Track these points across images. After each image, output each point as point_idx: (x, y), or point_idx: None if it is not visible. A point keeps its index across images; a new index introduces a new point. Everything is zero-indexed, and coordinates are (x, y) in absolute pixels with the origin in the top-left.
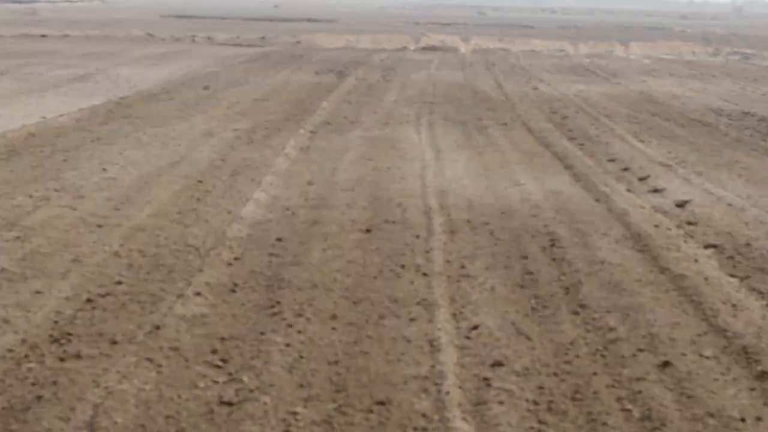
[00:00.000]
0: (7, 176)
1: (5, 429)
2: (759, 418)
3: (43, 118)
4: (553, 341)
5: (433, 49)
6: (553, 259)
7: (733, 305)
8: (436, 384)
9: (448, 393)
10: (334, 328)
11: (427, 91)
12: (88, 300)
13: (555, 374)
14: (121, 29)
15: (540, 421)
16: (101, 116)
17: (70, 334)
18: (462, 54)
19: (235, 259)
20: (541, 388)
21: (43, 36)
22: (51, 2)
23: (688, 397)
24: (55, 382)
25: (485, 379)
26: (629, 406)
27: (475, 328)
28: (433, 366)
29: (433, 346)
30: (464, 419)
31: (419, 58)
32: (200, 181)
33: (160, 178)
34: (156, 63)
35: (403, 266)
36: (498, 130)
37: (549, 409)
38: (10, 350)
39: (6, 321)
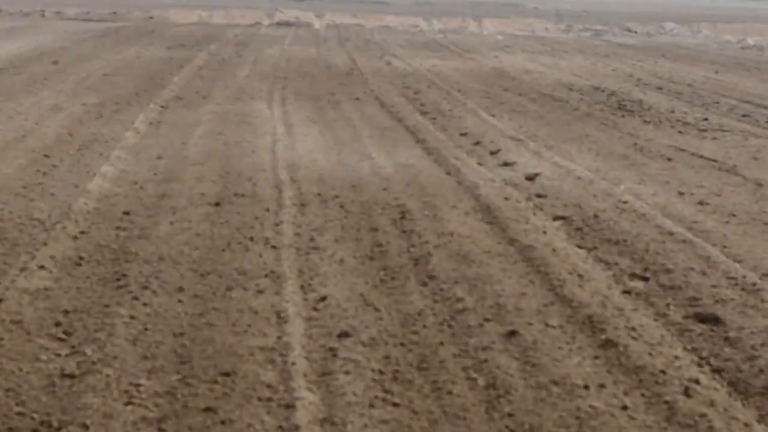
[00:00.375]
0: None
1: None
2: (602, 386)
3: None
4: (401, 312)
5: (287, 24)
6: (403, 232)
7: (580, 275)
8: (282, 355)
9: (294, 364)
10: (180, 301)
11: (280, 67)
12: None
13: (402, 344)
14: None
15: (385, 390)
16: None
17: None
18: (316, 30)
19: (81, 232)
20: (387, 358)
21: None
22: None
23: (533, 365)
24: None
25: (332, 349)
26: (475, 375)
27: (323, 299)
28: (279, 337)
29: (281, 317)
30: (309, 389)
31: (273, 33)
32: (47, 156)
33: (5, 152)
34: (4, 38)
35: (252, 239)
36: (350, 105)
37: (395, 379)
38: None
39: None
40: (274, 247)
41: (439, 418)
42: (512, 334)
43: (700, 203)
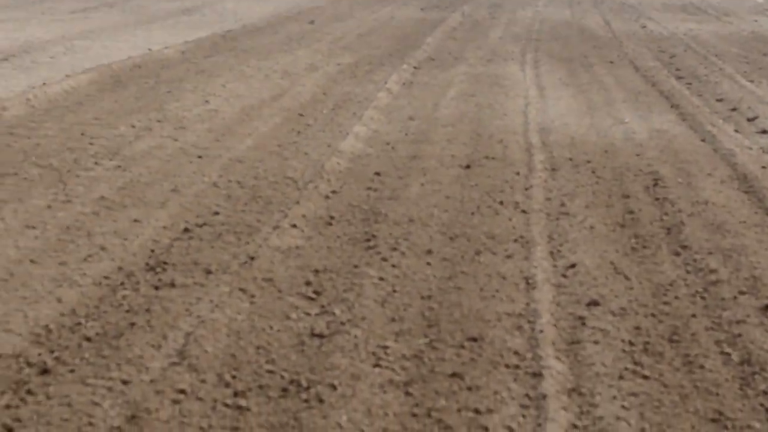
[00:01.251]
0: (111, 106)
1: (98, 354)
2: None
3: (149, 50)
4: (652, 282)
5: None
6: (656, 199)
7: None
8: (530, 322)
9: (542, 331)
10: (428, 263)
11: (533, 29)
12: (185, 230)
13: (652, 315)
14: None
15: (635, 362)
16: (206, 49)
17: (165, 263)
18: None
19: (333, 192)
20: (637, 328)
21: None
22: None
23: None
24: (148, 310)
25: (580, 318)
26: (728, 350)
27: (573, 266)
28: (527, 304)
29: (529, 283)
30: (557, 358)
31: None
32: (301, 115)
33: (261, 111)
34: None
35: (501, 203)
36: (604, 68)
37: (645, 350)
38: (106, 277)
39: (103, 248)
40: (523, 211)
41: (690, 393)
42: None
43: None
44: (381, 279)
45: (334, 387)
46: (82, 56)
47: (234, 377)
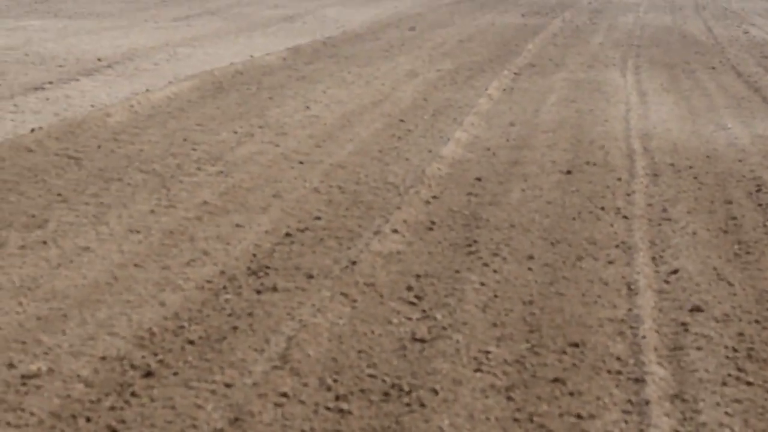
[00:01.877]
0: (213, 112)
1: (201, 358)
2: None
3: (251, 56)
4: (756, 288)
5: None
6: (759, 205)
7: None
8: (632, 328)
9: (644, 337)
10: (530, 269)
11: (634, 34)
12: (287, 234)
13: (756, 321)
14: None
15: (739, 369)
16: (307, 55)
17: (267, 268)
18: None
19: (434, 197)
20: (741, 335)
21: None
22: None
23: None
24: (251, 314)
25: (683, 324)
26: None
27: (675, 272)
28: (629, 309)
29: (631, 289)
30: (660, 364)
31: (628, 1)
32: (402, 120)
33: (362, 116)
34: (363, 4)
35: (603, 208)
36: (706, 74)
37: (749, 357)
38: (209, 281)
39: (206, 253)
40: (625, 217)
41: None
42: None
43: None
44: (482, 284)
45: (435, 392)
46: (184, 63)
47: (336, 381)
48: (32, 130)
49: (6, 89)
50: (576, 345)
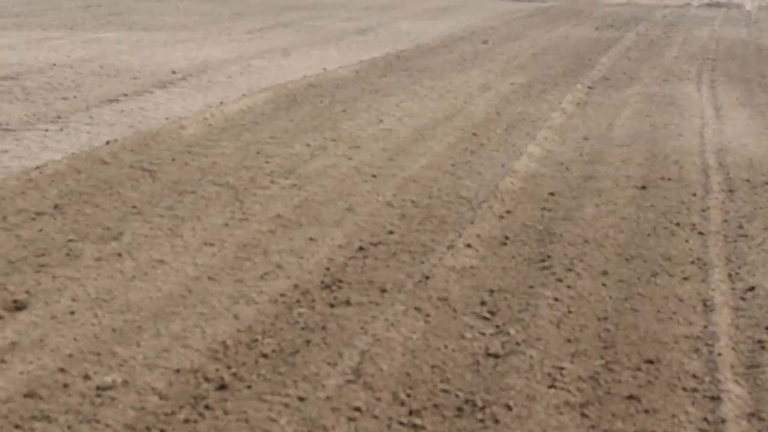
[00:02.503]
0: (287, 125)
1: (274, 371)
2: None
3: (324, 69)
4: None
5: (717, 5)
6: None
7: None
8: (708, 345)
9: (720, 354)
10: (604, 284)
11: (709, 48)
12: (360, 248)
13: None
14: None
15: None
16: (380, 68)
17: (340, 281)
18: (747, 11)
19: (507, 212)
20: None
21: None
22: None
23: None
24: (324, 328)
25: (760, 341)
26: None
27: (752, 289)
28: (705, 326)
29: (707, 306)
30: (737, 382)
31: (702, 14)
32: (475, 134)
33: (435, 130)
34: (436, 17)
35: (678, 224)
36: None
37: None
38: (283, 295)
39: (279, 266)
40: (700, 233)
41: None
42: None
43: None
44: (556, 299)
45: (509, 407)
46: (258, 76)
47: (409, 396)
48: (107, 143)
49: (81, 101)
50: (651, 362)
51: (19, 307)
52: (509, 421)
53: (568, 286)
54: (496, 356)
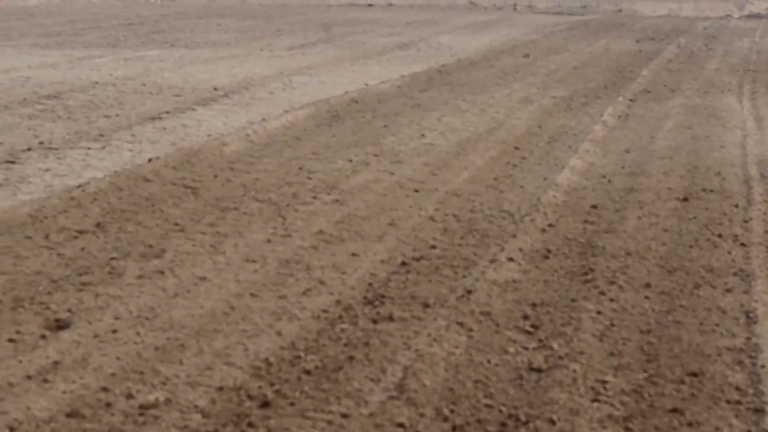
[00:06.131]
0: (329, 141)
1: (317, 387)
2: None
3: (366, 84)
4: None
5: (758, 16)
6: None
7: None
8: (751, 357)
9: (763, 366)
10: (647, 297)
11: (750, 59)
12: (403, 263)
13: None
14: None
15: None
16: (422, 83)
17: (383, 297)
18: None
19: (549, 225)
20: None
21: (369, 5)
22: None
23: None
24: (367, 344)
25: None
26: None
27: None
28: (748, 338)
29: (750, 317)
30: None
31: (743, 25)
32: (517, 148)
33: (477, 144)
34: (477, 31)
35: (720, 236)
36: None
37: None
38: (325, 311)
39: (322, 282)
40: (743, 244)
41: None
42: None
43: None
44: (599, 313)
45: (552, 422)
46: (300, 91)
47: (452, 411)
48: (150, 160)
49: (124, 119)
50: (694, 374)
51: (61, 326)
52: None
53: (611, 299)
54: (539, 370)
